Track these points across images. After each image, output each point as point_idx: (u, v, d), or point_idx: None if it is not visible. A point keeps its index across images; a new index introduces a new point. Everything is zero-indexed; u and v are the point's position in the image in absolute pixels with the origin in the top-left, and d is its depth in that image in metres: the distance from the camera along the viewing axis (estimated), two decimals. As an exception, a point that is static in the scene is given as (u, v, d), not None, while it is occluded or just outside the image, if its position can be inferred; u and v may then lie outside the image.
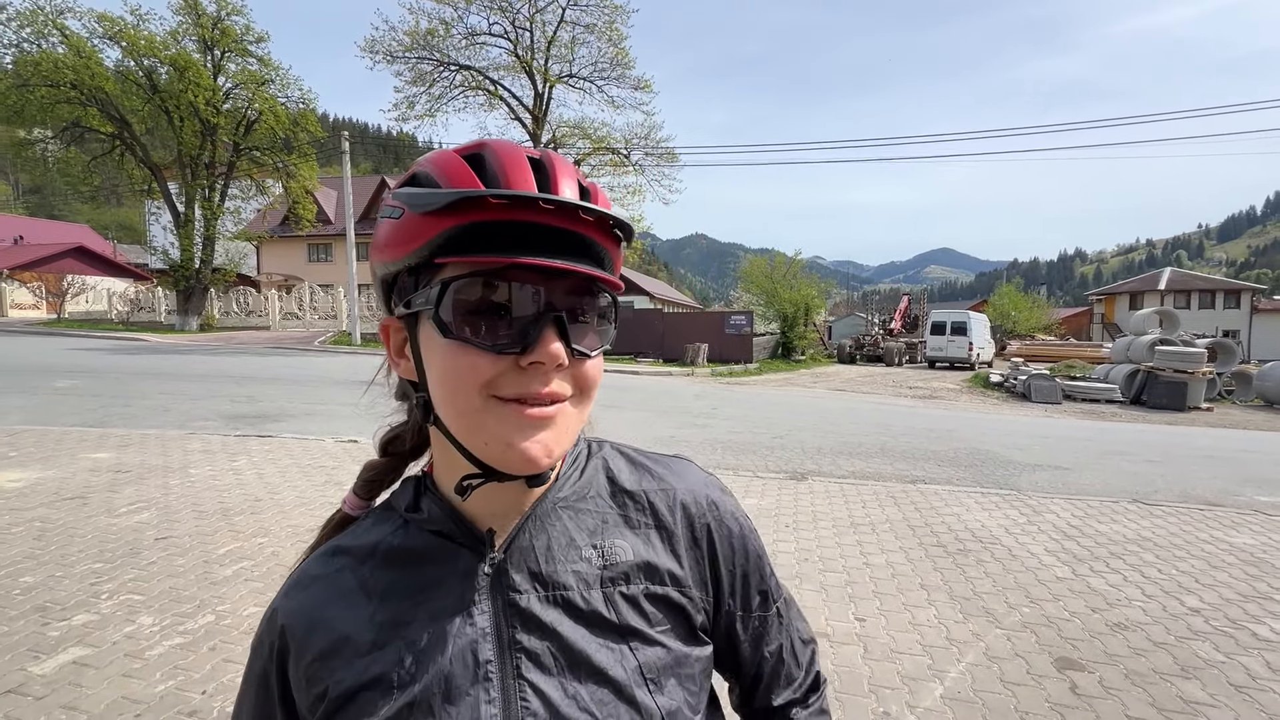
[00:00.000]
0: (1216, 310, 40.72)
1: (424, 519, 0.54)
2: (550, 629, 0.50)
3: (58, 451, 5.65)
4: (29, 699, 2.21)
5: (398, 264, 0.49)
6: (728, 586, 0.59)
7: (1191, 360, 13.68)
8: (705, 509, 0.59)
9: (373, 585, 0.52)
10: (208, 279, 24.96)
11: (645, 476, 0.59)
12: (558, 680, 0.49)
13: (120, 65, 23.37)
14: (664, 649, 0.52)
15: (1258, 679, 2.62)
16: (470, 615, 0.50)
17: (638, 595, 0.53)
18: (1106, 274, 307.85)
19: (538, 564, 0.52)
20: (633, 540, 0.55)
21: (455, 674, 0.48)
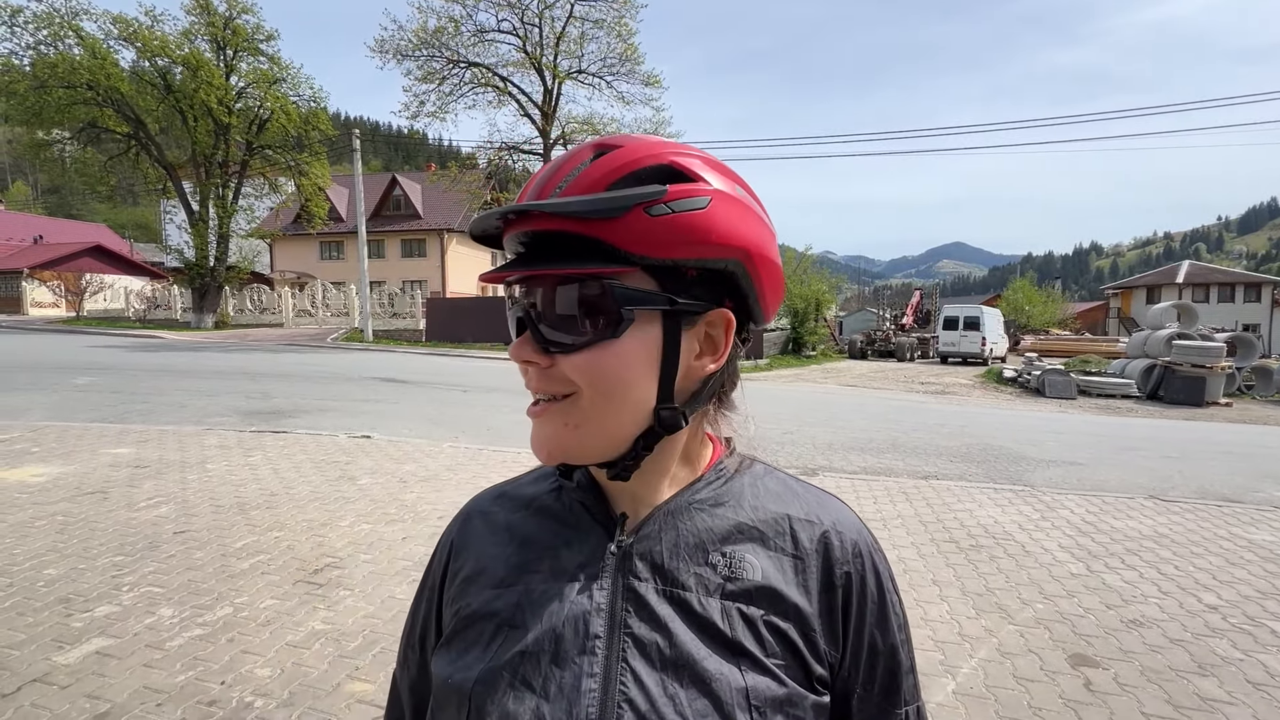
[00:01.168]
0: (1236, 304, 40.03)
1: (574, 488, 0.57)
2: (662, 623, 0.49)
3: (78, 447, 5.75)
4: (54, 688, 2.27)
5: None
6: (853, 649, 0.53)
7: (1210, 355, 13.47)
8: (850, 555, 0.54)
9: (516, 530, 0.57)
10: (222, 277, 25.26)
11: (794, 502, 0.57)
12: (659, 675, 0.48)
13: (135, 66, 23.66)
14: (777, 681, 0.49)
15: (1276, 676, 2.59)
16: (590, 587, 0.51)
17: (757, 619, 0.50)
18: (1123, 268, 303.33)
19: (661, 557, 0.52)
20: (764, 562, 0.52)
21: (566, 637, 0.49)
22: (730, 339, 0.52)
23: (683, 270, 0.49)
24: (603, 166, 0.48)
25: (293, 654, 2.54)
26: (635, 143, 0.49)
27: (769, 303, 0.54)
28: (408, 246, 35.24)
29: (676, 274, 0.49)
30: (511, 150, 23.34)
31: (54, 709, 2.15)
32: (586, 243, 0.47)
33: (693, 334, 0.51)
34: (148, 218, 58.24)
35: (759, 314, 0.54)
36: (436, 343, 21.59)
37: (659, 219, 0.46)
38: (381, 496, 4.60)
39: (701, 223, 0.47)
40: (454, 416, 8.35)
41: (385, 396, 9.98)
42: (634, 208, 0.45)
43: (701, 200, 0.47)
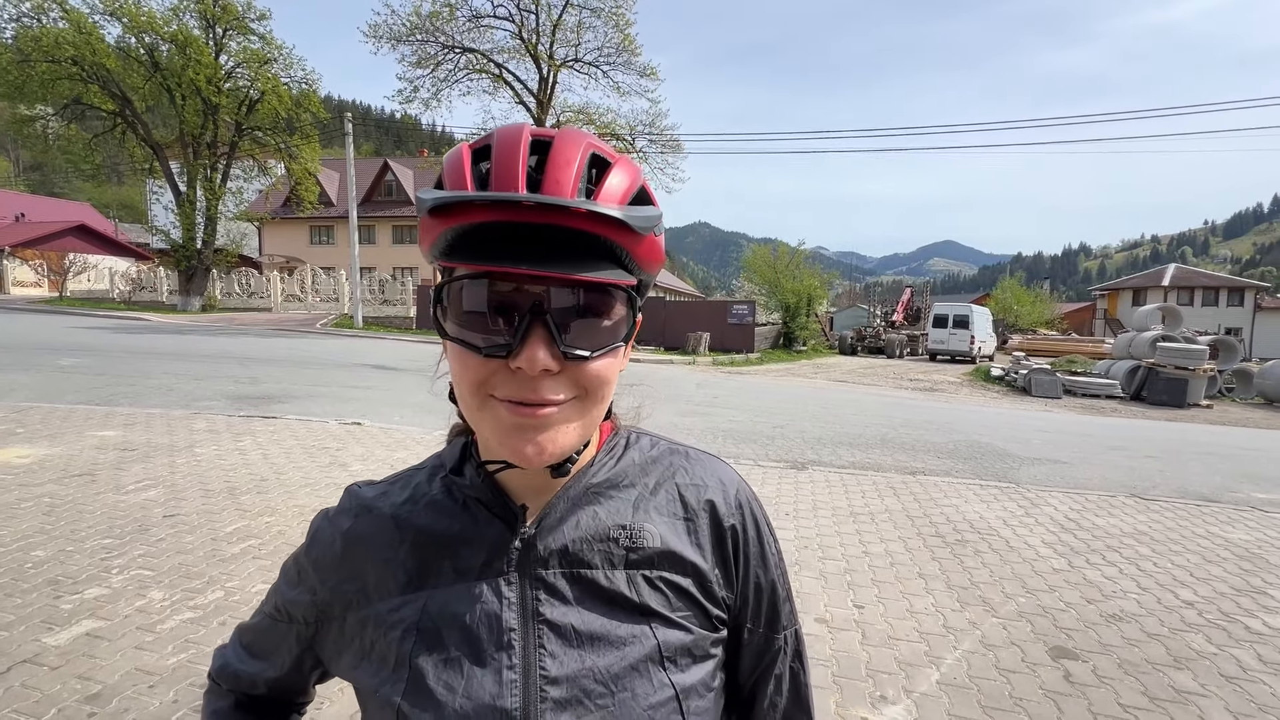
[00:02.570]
0: (1220, 307, 40.64)
1: (465, 484, 0.57)
2: (573, 604, 0.52)
3: (64, 429, 5.69)
4: (44, 669, 2.26)
5: (428, 259, 0.51)
6: (740, 592, 0.59)
7: (1193, 357, 13.69)
8: (733, 508, 0.59)
9: (407, 531, 0.56)
10: (209, 259, 24.93)
11: (680, 470, 0.60)
12: (577, 652, 0.51)
13: (121, 42, 23.18)
14: (684, 631, 0.54)
15: (1248, 670, 2.66)
16: (497, 584, 0.53)
17: (659, 580, 0.55)
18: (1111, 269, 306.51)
19: (565, 542, 0.54)
20: (661, 528, 0.56)
21: (481, 637, 0.51)
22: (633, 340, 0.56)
23: (646, 284, 0.54)
24: (623, 180, 0.48)
25: (285, 638, 2.55)
26: (622, 158, 0.50)
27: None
28: (399, 233, 34.95)
29: (644, 286, 0.54)
30: (506, 138, 23.13)
31: (45, 690, 2.14)
32: (604, 250, 0.47)
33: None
34: (133, 198, 57.23)
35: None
36: (427, 330, 21.47)
37: (657, 239, 0.51)
38: (373, 483, 4.60)
39: (662, 243, 0.53)
40: (446, 405, 8.29)
41: (376, 384, 9.93)
42: (653, 228, 0.49)
43: (663, 225, 0.52)
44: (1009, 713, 2.30)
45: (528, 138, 0.48)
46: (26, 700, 2.09)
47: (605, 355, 0.49)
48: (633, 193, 0.49)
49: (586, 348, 0.48)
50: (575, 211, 0.44)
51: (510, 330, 0.47)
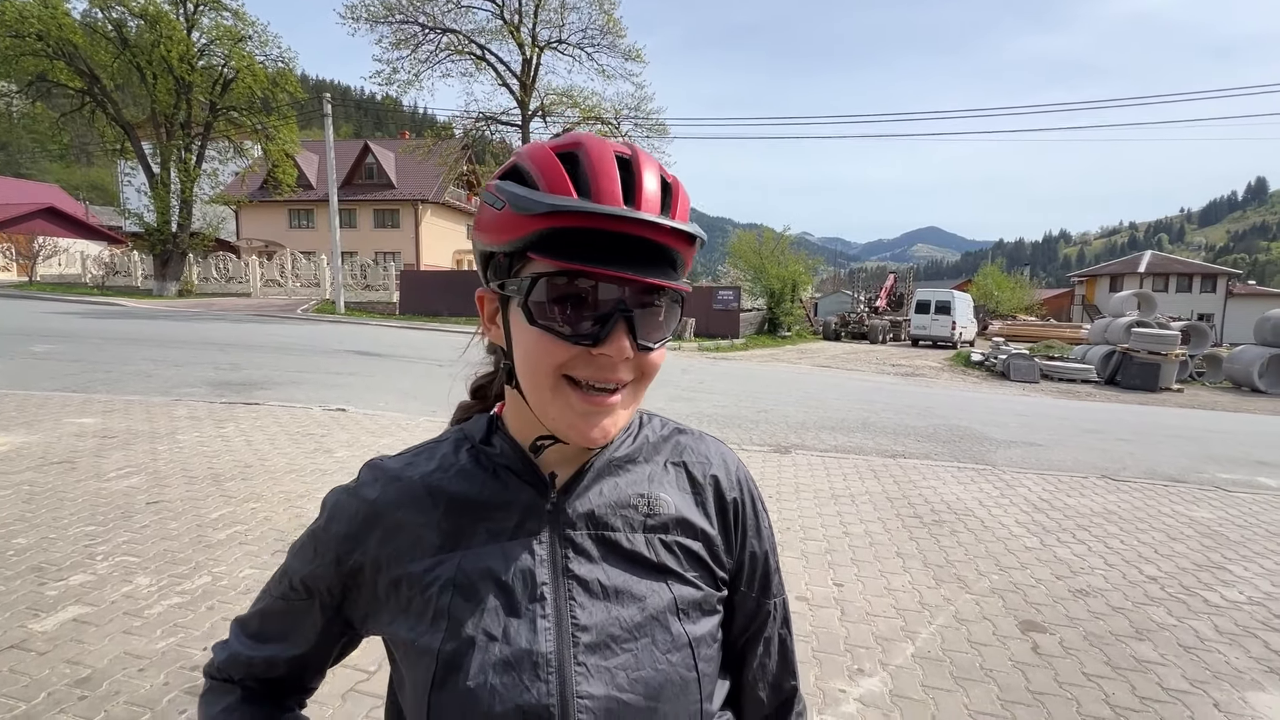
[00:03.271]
0: (1193, 294, 41.54)
1: (496, 453, 0.62)
2: (598, 562, 0.59)
3: (40, 416, 5.60)
4: (32, 654, 2.27)
5: (496, 247, 0.56)
6: (738, 559, 0.66)
7: (1165, 342, 14.04)
8: (734, 484, 0.67)
9: (440, 497, 0.60)
10: (185, 243, 24.37)
11: (688, 449, 0.67)
12: (603, 604, 0.57)
13: (88, 17, 22.37)
14: (695, 588, 0.61)
15: (1205, 640, 2.80)
16: (530, 544, 0.58)
17: (674, 543, 0.61)
18: (1090, 256, 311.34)
19: (591, 508, 0.60)
20: (675, 498, 0.63)
21: (516, 590, 0.57)
22: None
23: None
24: (687, 200, 0.57)
25: (274, 621, 2.57)
26: (676, 179, 0.57)
27: None
28: (380, 217, 34.41)
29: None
30: (489, 121, 22.82)
31: (33, 674, 2.15)
32: (669, 258, 0.55)
33: None
34: (104, 179, 55.65)
35: None
36: (410, 316, 21.28)
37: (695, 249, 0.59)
38: (359, 469, 4.59)
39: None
40: (430, 390, 8.31)
41: (359, 369, 9.86)
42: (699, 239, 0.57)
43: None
44: (979, 683, 2.40)
45: (611, 154, 0.54)
46: (16, 685, 2.10)
47: (662, 346, 0.57)
48: (689, 208, 0.57)
49: (651, 340, 0.56)
50: (662, 227, 0.52)
51: (596, 321, 0.53)
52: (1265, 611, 3.10)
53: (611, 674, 0.55)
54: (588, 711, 0.53)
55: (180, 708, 2.03)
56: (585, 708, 0.53)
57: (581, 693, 0.54)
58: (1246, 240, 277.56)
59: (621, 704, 0.54)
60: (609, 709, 0.54)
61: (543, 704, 0.53)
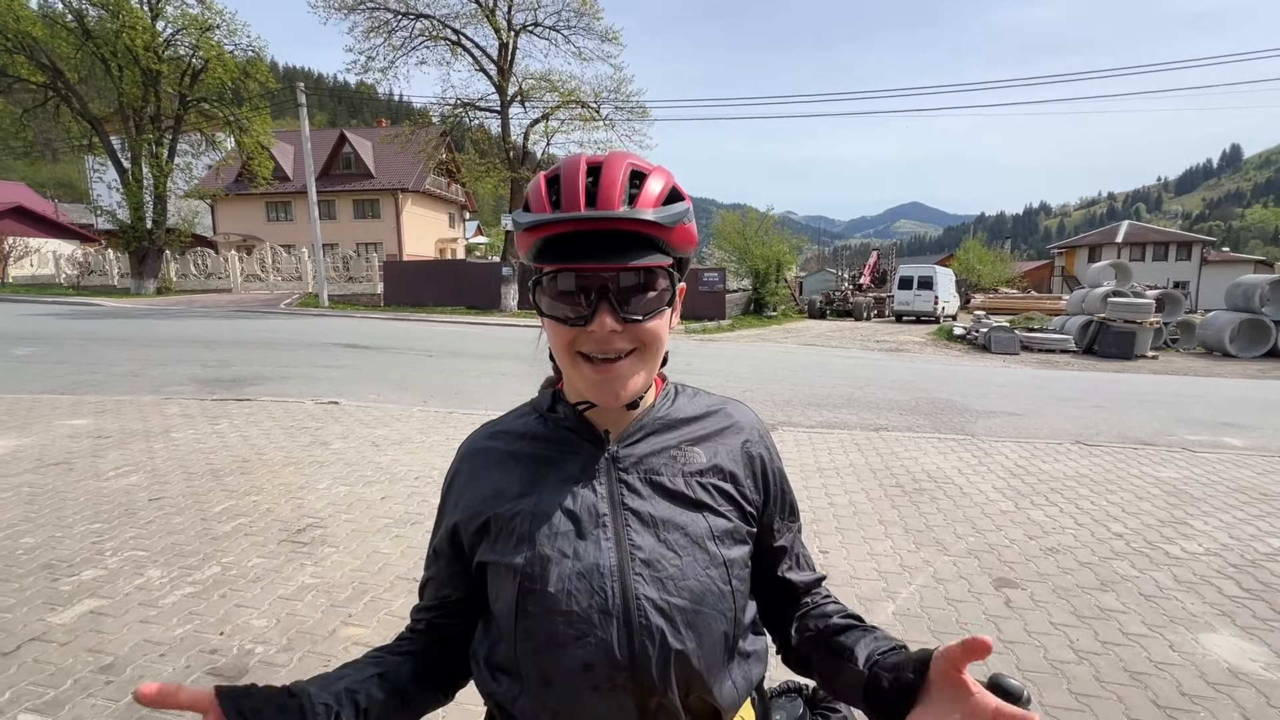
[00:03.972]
0: (1169, 262, 42.29)
1: (560, 418, 0.77)
2: (648, 499, 0.72)
3: (31, 419, 5.60)
4: (54, 644, 2.36)
5: (524, 260, 0.70)
6: (765, 493, 0.80)
7: (1140, 311, 14.39)
8: (757, 440, 0.81)
9: (520, 456, 0.76)
10: (161, 240, 23.95)
11: (716, 410, 0.81)
12: (653, 531, 0.70)
13: (45, 8, 21.68)
14: (726, 520, 0.74)
15: (1164, 589, 3.00)
16: (592, 484, 0.72)
17: (709, 485, 0.75)
18: (1069, 227, 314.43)
19: (640, 456, 0.74)
20: (706, 449, 0.77)
21: (583, 519, 0.70)
22: (680, 305, 0.74)
23: (683, 260, 0.73)
24: (655, 187, 0.67)
25: (286, 605, 2.68)
26: (655, 168, 0.69)
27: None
28: (360, 207, 33.95)
29: (681, 263, 0.73)
30: (467, 107, 22.52)
31: (57, 663, 2.25)
32: (646, 241, 0.67)
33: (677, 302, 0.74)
34: (71, 175, 54.20)
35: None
36: (396, 307, 21.15)
37: (688, 226, 0.70)
38: (356, 460, 4.68)
39: (693, 229, 0.72)
40: (420, 381, 8.36)
41: (348, 362, 9.86)
42: (681, 220, 0.68)
43: (692, 214, 0.71)
44: (955, 636, 2.57)
45: (584, 165, 0.66)
46: (41, 674, 2.19)
47: (654, 318, 0.68)
48: (664, 196, 0.67)
49: (639, 313, 0.67)
50: (619, 218, 0.63)
51: (586, 306, 0.66)
52: (1221, 561, 3.31)
53: (662, 582, 0.68)
54: (645, 608, 0.66)
55: (203, 687, 2.14)
56: (642, 606, 0.66)
57: (640, 594, 0.67)
58: (1221, 207, 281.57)
59: (672, 604, 0.67)
60: (661, 608, 0.66)
61: (610, 601, 0.66)
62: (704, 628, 0.68)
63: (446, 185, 37.09)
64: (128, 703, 2.05)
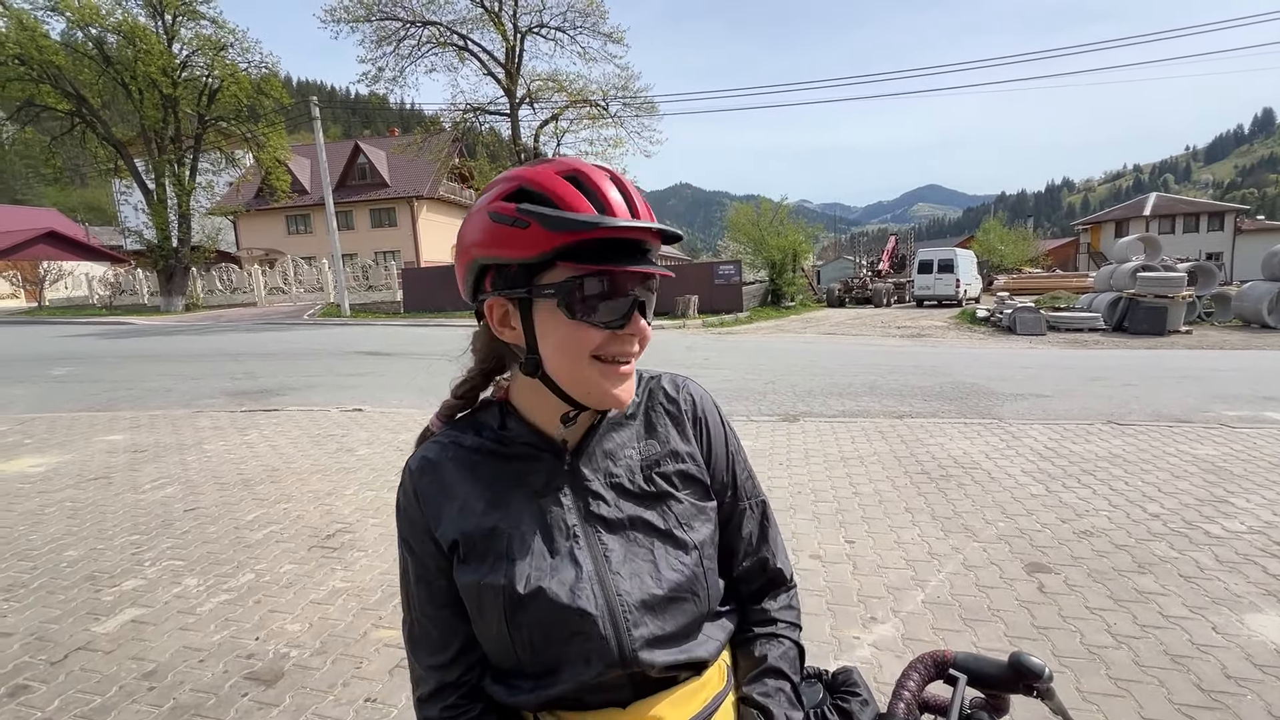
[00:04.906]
0: (1201, 233, 40.98)
1: (512, 434, 0.76)
2: (612, 503, 0.74)
3: (70, 436, 5.79)
4: (98, 653, 2.44)
5: (512, 260, 0.66)
6: (711, 464, 0.82)
7: (1171, 285, 13.96)
8: (697, 408, 0.83)
9: (477, 471, 0.75)
10: (187, 257, 24.56)
11: (660, 391, 0.83)
12: (623, 534, 0.73)
13: (67, 36, 22.31)
14: (689, 504, 0.77)
15: (1205, 570, 2.91)
16: (557, 497, 0.74)
17: (669, 473, 0.77)
18: (1094, 202, 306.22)
19: (598, 462, 0.76)
20: (661, 435, 0.80)
21: (554, 534, 0.72)
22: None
23: None
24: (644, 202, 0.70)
25: (318, 610, 2.73)
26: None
27: None
28: (377, 216, 34.42)
29: None
30: (477, 112, 22.68)
31: (103, 671, 2.32)
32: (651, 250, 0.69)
33: None
34: (100, 199, 55.80)
35: None
36: (416, 313, 21.43)
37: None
38: (381, 465, 4.75)
39: None
40: (441, 385, 8.24)
41: (371, 369, 10.02)
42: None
43: None
44: (986, 622, 2.53)
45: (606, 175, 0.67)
46: (88, 681, 2.27)
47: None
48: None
49: (650, 318, 0.72)
50: (655, 231, 0.67)
51: (619, 308, 0.67)
52: (1265, 539, 3.20)
53: (640, 578, 0.71)
54: (627, 603, 0.70)
55: (242, 691, 2.19)
56: (624, 602, 0.70)
57: (619, 591, 0.70)
58: (1255, 174, 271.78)
59: (651, 595, 0.70)
60: (641, 600, 0.70)
61: (594, 604, 0.69)
62: (681, 608, 0.72)
63: (460, 190, 37.42)
64: (170, 708, 2.11)
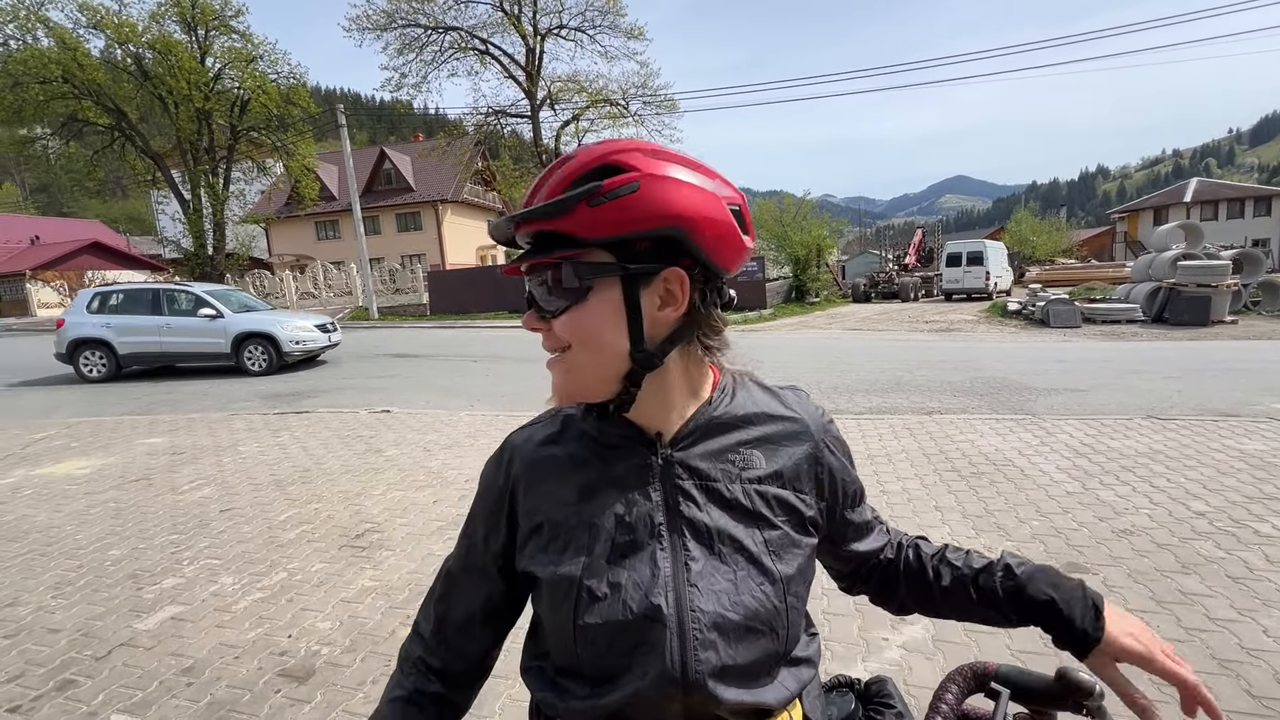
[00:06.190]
0: (1246, 219, 39.31)
1: (609, 423, 0.71)
2: (703, 506, 0.68)
3: (113, 439, 6.01)
4: (140, 649, 2.52)
5: None
6: (831, 490, 0.77)
7: (1215, 273, 13.41)
8: (818, 434, 0.76)
9: (574, 458, 0.72)
10: (222, 265, 25.29)
11: (775, 404, 0.76)
12: (708, 543, 0.67)
13: (106, 54, 23.15)
14: (783, 532, 0.70)
15: (1255, 570, 2.78)
16: (646, 492, 0.69)
17: (767, 493, 0.71)
18: (1131, 190, 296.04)
19: (695, 462, 0.70)
20: (765, 452, 0.72)
21: (638, 530, 0.67)
22: (687, 291, 0.64)
23: (632, 242, 0.62)
24: (558, 175, 0.62)
25: (348, 608, 2.78)
26: (586, 149, 0.63)
27: (723, 257, 0.65)
28: (403, 220, 34.98)
29: (627, 246, 0.62)
30: (499, 115, 22.90)
31: (144, 667, 2.40)
32: (555, 235, 0.63)
33: (652, 291, 0.64)
34: (139, 209, 57.82)
35: (715, 268, 0.66)
36: (442, 315, 21.74)
37: (598, 207, 0.59)
38: (409, 465, 4.83)
39: (634, 202, 0.59)
40: (467, 386, 8.56)
41: (398, 371, 10.19)
42: (578, 204, 0.59)
43: (631, 185, 0.59)
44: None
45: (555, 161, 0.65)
46: (130, 676, 2.34)
47: (566, 313, 0.64)
48: (573, 178, 0.61)
49: (551, 310, 0.66)
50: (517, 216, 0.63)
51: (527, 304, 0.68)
52: (1320, 538, 3.06)
53: (717, 596, 0.65)
54: (699, 620, 0.64)
55: (275, 688, 2.24)
56: (697, 618, 0.64)
57: (694, 606, 0.64)
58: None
59: (725, 619, 0.65)
60: (715, 621, 0.64)
61: (665, 612, 0.64)
62: (755, 643, 0.66)
63: (484, 193, 37.83)
64: (208, 703, 2.17)
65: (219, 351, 10.33)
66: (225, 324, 10.34)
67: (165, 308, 10.51)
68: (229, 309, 10.58)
